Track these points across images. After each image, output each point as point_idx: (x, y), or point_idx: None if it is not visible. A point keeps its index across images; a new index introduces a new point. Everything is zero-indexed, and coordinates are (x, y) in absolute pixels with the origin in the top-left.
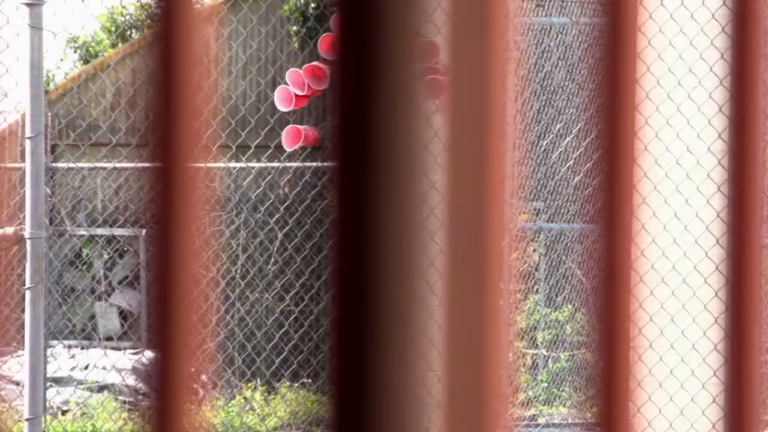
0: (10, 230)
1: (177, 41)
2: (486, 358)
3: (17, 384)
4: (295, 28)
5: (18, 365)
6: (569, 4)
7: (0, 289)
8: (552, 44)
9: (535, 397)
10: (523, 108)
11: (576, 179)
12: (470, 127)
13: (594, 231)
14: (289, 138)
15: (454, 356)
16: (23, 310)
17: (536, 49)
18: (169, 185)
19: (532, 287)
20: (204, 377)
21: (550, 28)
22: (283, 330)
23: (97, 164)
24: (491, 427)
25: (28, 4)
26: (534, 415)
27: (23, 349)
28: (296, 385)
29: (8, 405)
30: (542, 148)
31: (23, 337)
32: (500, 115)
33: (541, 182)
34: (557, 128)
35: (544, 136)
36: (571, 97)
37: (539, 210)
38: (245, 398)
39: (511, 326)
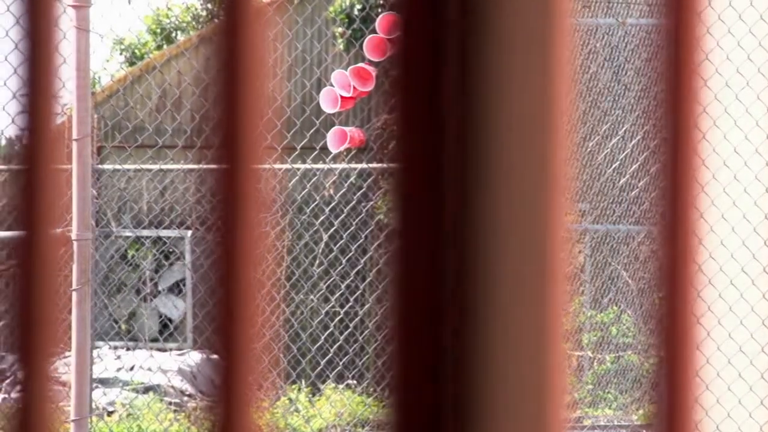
0: (56, 231)
1: (240, 39)
2: (546, 362)
3: (63, 385)
4: (340, 29)
5: (64, 366)
6: (615, 5)
7: (50, 290)
8: (598, 45)
9: (580, 399)
10: (570, 109)
11: (622, 180)
12: (533, 127)
13: (654, 228)
14: (334, 139)
15: (516, 359)
16: (69, 311)
17: (582, 50)
18: (233, 187)
19: (578, 289)
20: (264, 379)
21: (596, 29)
22: (328, 331)
23: (143, 166)
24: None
25: (74, 6)
26: (579, 417)
27: (69, 351)
28: (341, 386)
29: (55, 406)
30: (588, 150)
31: (70, 338)
32: (561, 117)
33: (587, 183)
34: (603, 129)
35: (590, 138)
36: (617, 98)
37: (584, 211)
38: (290, 399)
39: (565, 329)
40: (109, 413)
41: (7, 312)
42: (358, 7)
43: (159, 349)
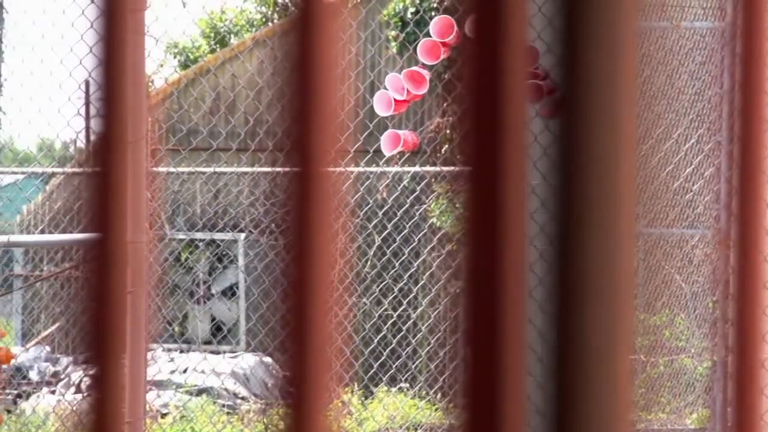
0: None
1: (312, 39)
2: (618, 364)
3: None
4: (393, 33)
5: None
6: (669, 8)
7: (121, 292)
8: (652, 48)
9: (633, 403)
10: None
11: (676, 184)
12: (604, 133)
13: (710, 231)
14: (388, 143)
15: (594, 362)
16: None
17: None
18: (304, 190)
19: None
20: (334, 382)
21: (650, 33)
22: (381, 334)
23: (197, 168)
24: None
25: (130, 10)
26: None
27: (124, 353)
28: (393, 389)
29: (125, 406)
30: (641, 153)
31: (123, 340)
32: (632, 123)
33: (640, 187)
34: (657, 133)
35: (644, 141)
36: (670, 102)
37: (638, 214)
38: (342, 402)
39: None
40: (163, 415)
41: (78, 314)
42: (412, 10)
43: (212, 352)
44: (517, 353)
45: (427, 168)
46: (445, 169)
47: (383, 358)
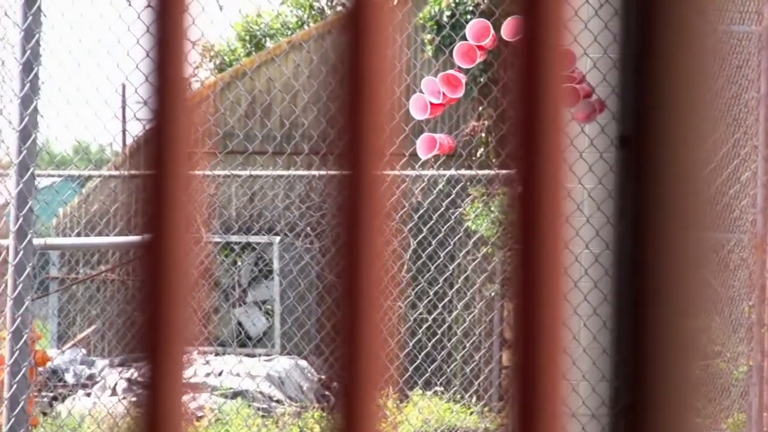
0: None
1: (363, 36)
2: (691, 370)
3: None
4: (429, 36)
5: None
6: (708, 11)
7: (179, 293)
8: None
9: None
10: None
11: (712, 188)
12: (686, 133)
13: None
14: (423, 146)
15: (670, 367)
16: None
17: None
18: (354, 193)
19: None
20: (383, 385)
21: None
22: (416, 338)
23: (233, 171)
24: None
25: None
26: None
27: (181, 354)
28: (428, 393)
29: (184, 407)
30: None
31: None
32: (710, 123)
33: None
34: (697, 137)
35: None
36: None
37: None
38: (377, 405)
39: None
40: (198, 418)
41: (135, 315)
42: (447, 13)
43: (247, 355)
44: (556, 356)
45: (463, 171)
46: (481, 172)
47: (418, 361)
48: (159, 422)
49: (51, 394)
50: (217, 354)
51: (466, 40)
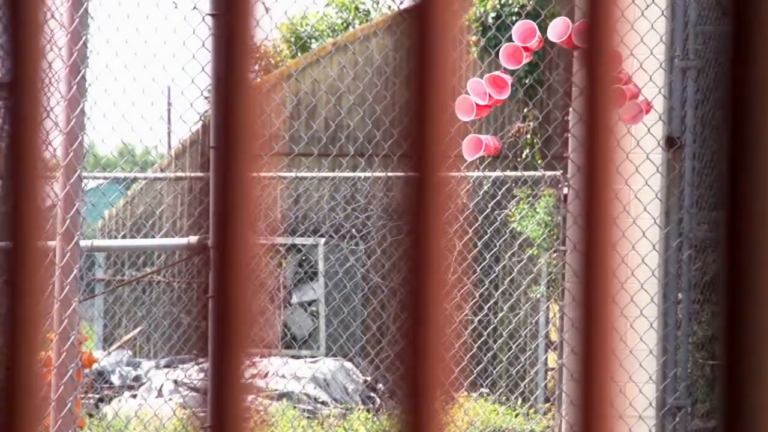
0: (194, 239)
1: (430, 47)
2: None
3: (197, 391)
4: (474, 37)
5: (198, 373)
6: None
7: (245, 295)
8: None
9: (713, 409)
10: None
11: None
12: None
13: None
14: (469, 147)
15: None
16: (204, 317)
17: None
18: (421, 195)
19: (711, 298)
20: (449, 385)
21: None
22: (461, 340)
23: (278, 173)
24: None
25: (213, 15)
26: (715, 427)
27: (204, 357)
28: (474, 394)
29: (190, 412)
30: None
31: (205, 345)
32: None
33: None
34: None
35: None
36: None
37: (718, 221)
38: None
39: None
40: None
41: (198, 317)
42: (493, 15)
43: (293, 356)
44: (607, 357)
45: (508, 173)
46: (526, 173)
47: (463, 363)
48: (224, 424)
49: (97, 396)
50: (261, 356)
51: (511, 41)
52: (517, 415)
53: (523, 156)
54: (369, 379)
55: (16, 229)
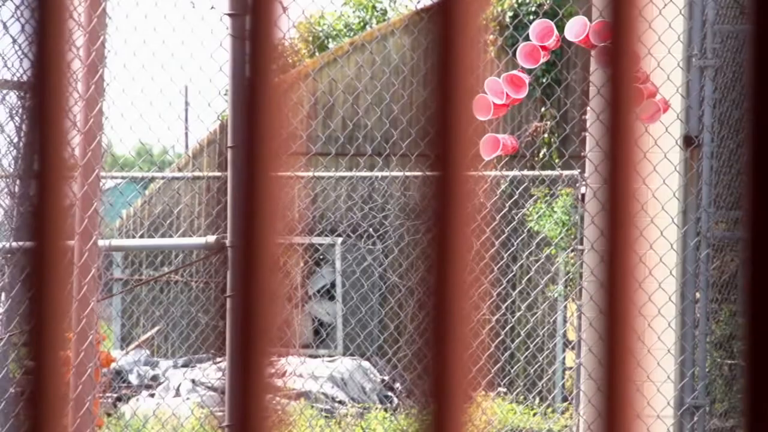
0: (212, 239)
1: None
2: None
3: (215, 390)
4: (492, 37)
5: (216, 372)
6: None
7: (270, 295)
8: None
9: (731, 408)
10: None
11: None
12: None
13: None
14: (486, 147)
15: None
16: (222, 317)
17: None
18: (447, 194)
19: (729, 297)
20: (474, 385)
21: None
22: (479, 339)
23: (296, 173)
24: None
25: (230, 15)
26: (733, 426)
27: (222, 357)
28: (492, 394)
29: (208, 411)
30: (738, 158)
31: (223, 344)
32: None
33: (741, 192)
34: None
35: (742, 145)
36: None
37: (738, 219)
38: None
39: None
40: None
41: (216, 317)
42: (510, 14)
43: (310, 356)
44: (626, 357)
45: (526, 172)
46: (543, 173)
47: (481, 362)
48: (246, 424)
49: (115, 395)
50: (279, 355)
51: (529, 40)
52: (534, 415)
53: (541, 155)
54: (386, 378)
55: (41, 228)
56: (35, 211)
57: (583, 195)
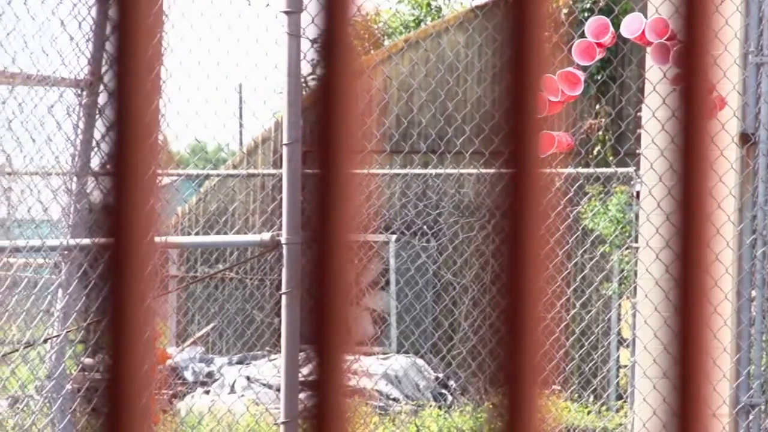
0: (267, 236)
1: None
2: None
3: (270, 387)
4: (546, 34)
5: (271, 369)
6: None
7: (345, 289)
8: None
9: None
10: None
11: None
12: None
13: None
14: (541, 144)
15: None
16: (277, 314)
17: None
18: (519, 191)
19: None
20: (543, 383)
21: None
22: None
23: (352, 170)
24: None
25: (286, 12)
26: None
27: (277, 353)
28: (546, 391)
29: (263, 408)
30: None
31: (278, 341)
32: None
33: None
34: None
35: None
36: None
37: None
38: (493, 404)
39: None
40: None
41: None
42: (565, 11)
43: (364, 353)
44: (704, 356)
45: (580, 169)
46: (598, 170)
47: (535, 360)
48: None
49: (170, 392)
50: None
51: (584, 37)
52: (589, 413)
53: (595, 153)
54: (440, 375)
55: (125, 226)
56: (119, 208)
57: (638, 192)
